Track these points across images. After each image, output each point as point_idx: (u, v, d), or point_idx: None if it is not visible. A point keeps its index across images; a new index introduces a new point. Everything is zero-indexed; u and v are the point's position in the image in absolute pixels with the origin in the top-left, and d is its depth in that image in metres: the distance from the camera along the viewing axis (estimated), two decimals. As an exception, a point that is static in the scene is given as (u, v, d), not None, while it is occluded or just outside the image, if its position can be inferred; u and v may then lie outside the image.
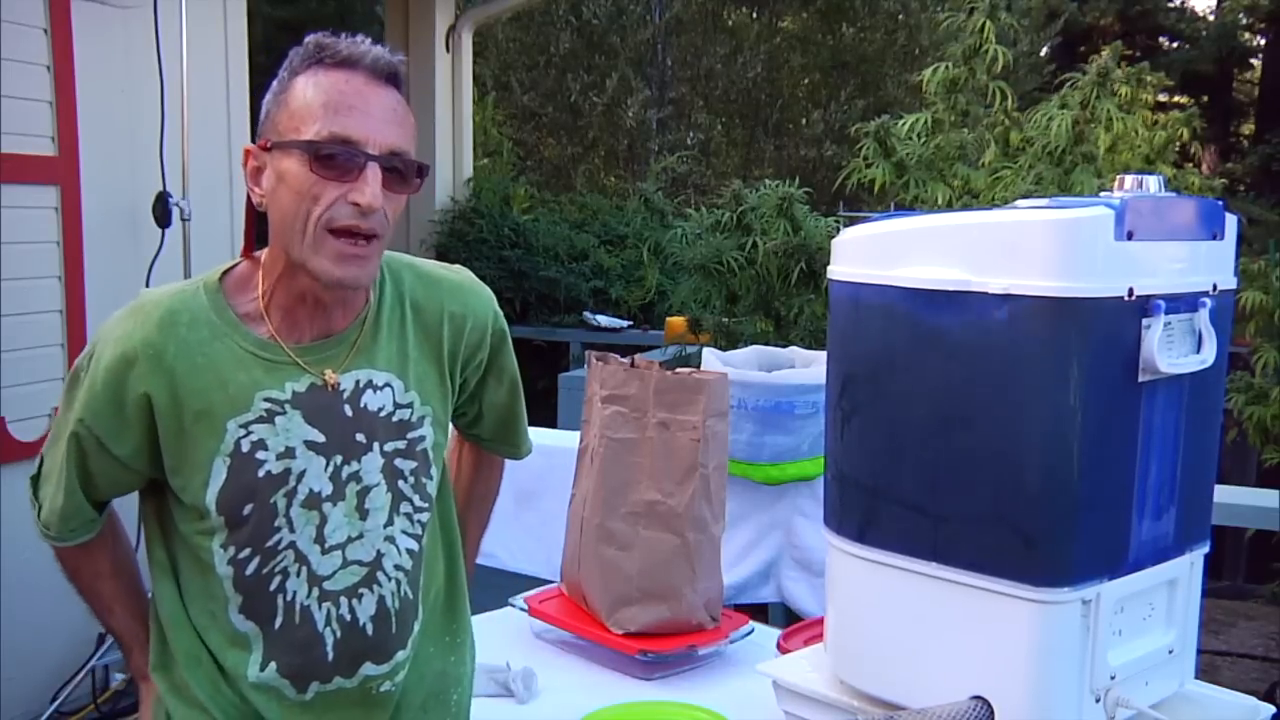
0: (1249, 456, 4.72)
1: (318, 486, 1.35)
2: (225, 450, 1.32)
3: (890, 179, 4.35)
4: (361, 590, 1.39)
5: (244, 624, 1.37)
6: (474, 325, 1.49)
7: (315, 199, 1.26)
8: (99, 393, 1.33)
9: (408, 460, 1.42)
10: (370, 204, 1.25)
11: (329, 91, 1.27)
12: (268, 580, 1.36)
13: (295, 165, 1.26)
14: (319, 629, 1.38)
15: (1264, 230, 7.84)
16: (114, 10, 3.64)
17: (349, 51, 1.28)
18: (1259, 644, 3.78)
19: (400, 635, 1.44)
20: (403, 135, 1.30)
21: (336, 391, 1.36)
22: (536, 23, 10.97)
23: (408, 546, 1.43)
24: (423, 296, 1.46)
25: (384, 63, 1.30)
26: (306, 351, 1.36)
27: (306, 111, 1.26)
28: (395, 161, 1.29)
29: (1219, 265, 1.43)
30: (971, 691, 1.35)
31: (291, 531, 1.35)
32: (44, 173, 3.43)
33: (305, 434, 1.35)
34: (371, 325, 1.40)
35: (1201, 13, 14.28)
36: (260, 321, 1.36)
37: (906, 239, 1.42)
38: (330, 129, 1.25)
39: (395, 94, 1.31)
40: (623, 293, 6.54)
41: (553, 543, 2.27)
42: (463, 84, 6.70)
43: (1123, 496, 1.34)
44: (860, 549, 1.46)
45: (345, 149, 1.26)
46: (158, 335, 1.32)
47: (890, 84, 10.63)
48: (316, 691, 1.39)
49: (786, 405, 2.53)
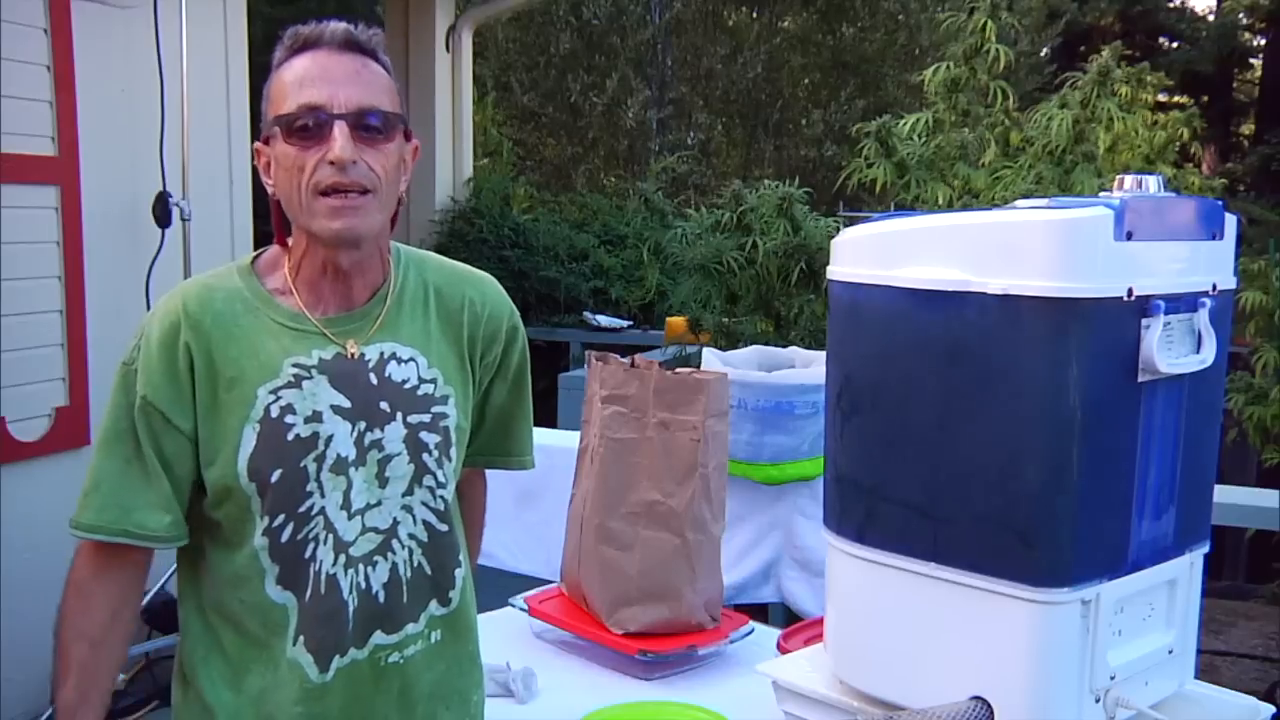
0: (1249, 456, 4.72)
1: (345, 451, 1.39)
2: (255, 417, 1.37)
3: (890, 179, 4.36)
4: (376, 557, 1.42)
5: (281, 595, 1.39)
6: (491, 315, 1.53)
7: (300, 169, 1.34)
8: (155, 366, 1.38)
9: (432, 434, 1.45)
10: (339, 157, 1.32)
11: (296, 71, 1.36)
12: (301, 547, 1.38)
13: (281, 145, 1.36)
14: (344, 597, 1.40)
15: (1264, 230, 7.83)
16: (114, 10, 3.64)
17: (309, 33, 1.37)
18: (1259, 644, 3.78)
19: (411, 608, 1.45)
20: (369, 92, 1.36)
21: (360, 361, 1.42)
22: (536, 23, 10.97)
23: (425, 519, 1.45)
24: (445, 283, 1.52)
25: (342, 33, 1.37)
26: (332, 323, 1.42)
27: (281, 96, 1.36)
28: (365, 117, 1.35)
29: (1219, 265, 1.43)
30: (971, 691, 1.35)
31: (322, 497, 1.38)
32: (44, 173, 3.43)
33: (331, 398, 1.39)
34: (395, 303, 1.46)
35: (1201, 13, 14.28)
36: (289, 295, 1.43)
37: (906, 239, 1.42)
38: (298, 101, 1.34)
39: (360, 58, 1.37)
40: (623, 293, 6.54)
41: (553, 543, 2.27)
42: (463, 84, 6.70)
43: (1122, 496, 1.34)
44: (860, 549, 1.46)
45: (312, 113, 1.33)
46: (196, 307, 1.40)
47: (890, 84, 10.63)
48: (336, 669, 1.40)
49: (786, 405, 2.53)
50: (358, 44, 1.37)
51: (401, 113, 1.40)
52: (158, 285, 3.57)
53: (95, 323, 3.55)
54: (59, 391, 3.49)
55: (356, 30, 1.38)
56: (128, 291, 3.56)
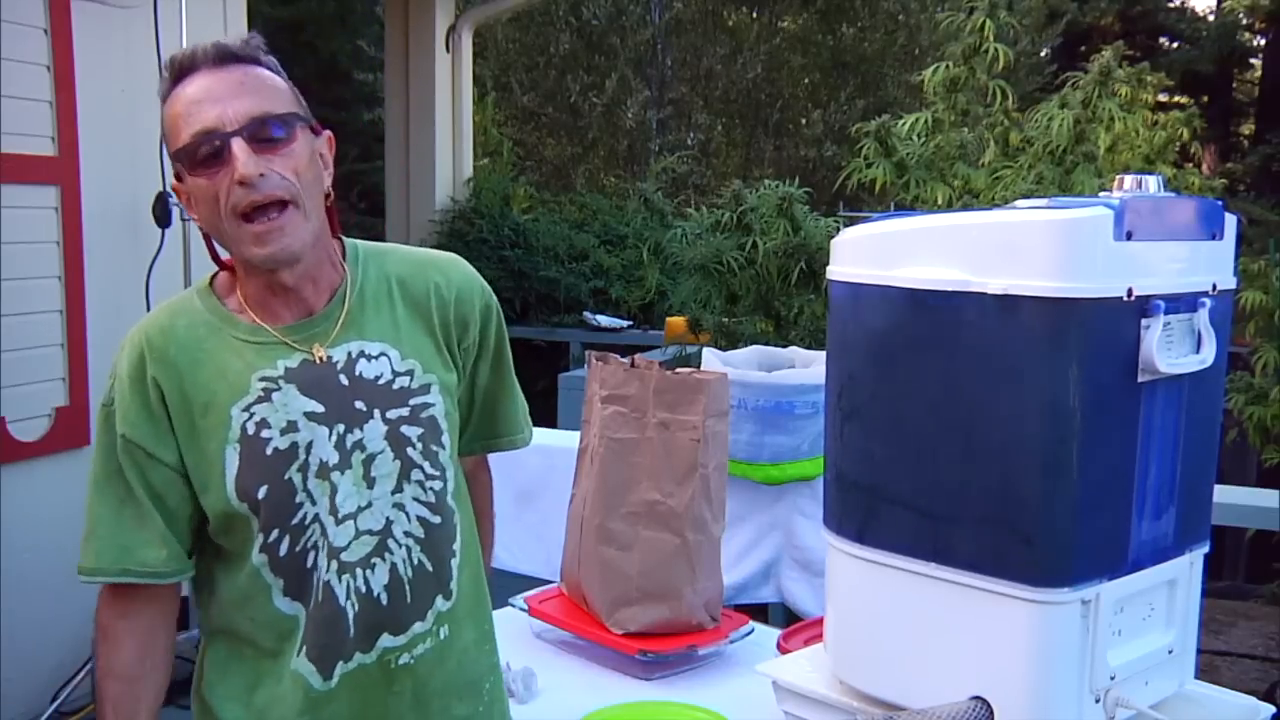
0: (1249, 456, 4.72)
1: (326, 456, 1.38)
2: (234, 438, 1.36)
3: (890, 179, 4.35)
4: (374, 560, 1.41)
5: (291, 606, 1.39)
6: (460, 298, 1.50)
7: (214, 198, 1.32)
8: (130, 404, 1.37)
9: (414, 427, 1.43)
10: (244, 175, 1.28)
11: (183, 100, 1.33)
12: (302, 558, 1.38)
13: (190, 179, 1.34)
14: (341, 604, 1.39)
15: (1264, 230, 7.83)
16: (114, 10, 3.64)
17: (183, 58, 1.35)
18: (1259, 644, 3.77)
19: (416, 606, 1.44)
20: (257, 100, 1.32)
21: (328, 364, 1.40)
22: (536, 23, 10.98)
23: (419, 514, 1.44)
24: (408, 272, 1.49)
25: (214, 50, 1.34)
26: (293, 331, 1.40)
27: (173, 128, 1.34)
28: (262, 126, 1.31)
29: (1219, 265, 1.43)
30: (971, 691, 1.35)
31: (313, 504, 1.37)
32: (44, 173, 3.43)
33: (304, 406, 1.37)
34: (357, 301, 1.44)
35: (1201, 13, 14.28)
36: (246, 313, 1.41)
37: (906, 239, 1.42)
38: (190, 131, 1.31)
39: (241, 68, 1.34)
40: (623, 293, 6.54)
41: (553, 543, 2.27)
42: (463, 84, 6.70)
43: (1122, 496, 1.34)
44: (860, 549, 1.46)
45: (207, 138, 1.30)
46: (160, 339, 1.39)
47: (890, 84, 10.63)
48: (340, 675, 1.40)
49: (786, 405, 2.53)
50: (233, 55, 1.35)
51: (298, 110, 1.37)
52: (158, 285, 3.57)
53: (95, 323, 3.55)
54: (59, 391, 3.49)
55: (229, 41, 1.36)
56: (128, 291, 3.56)
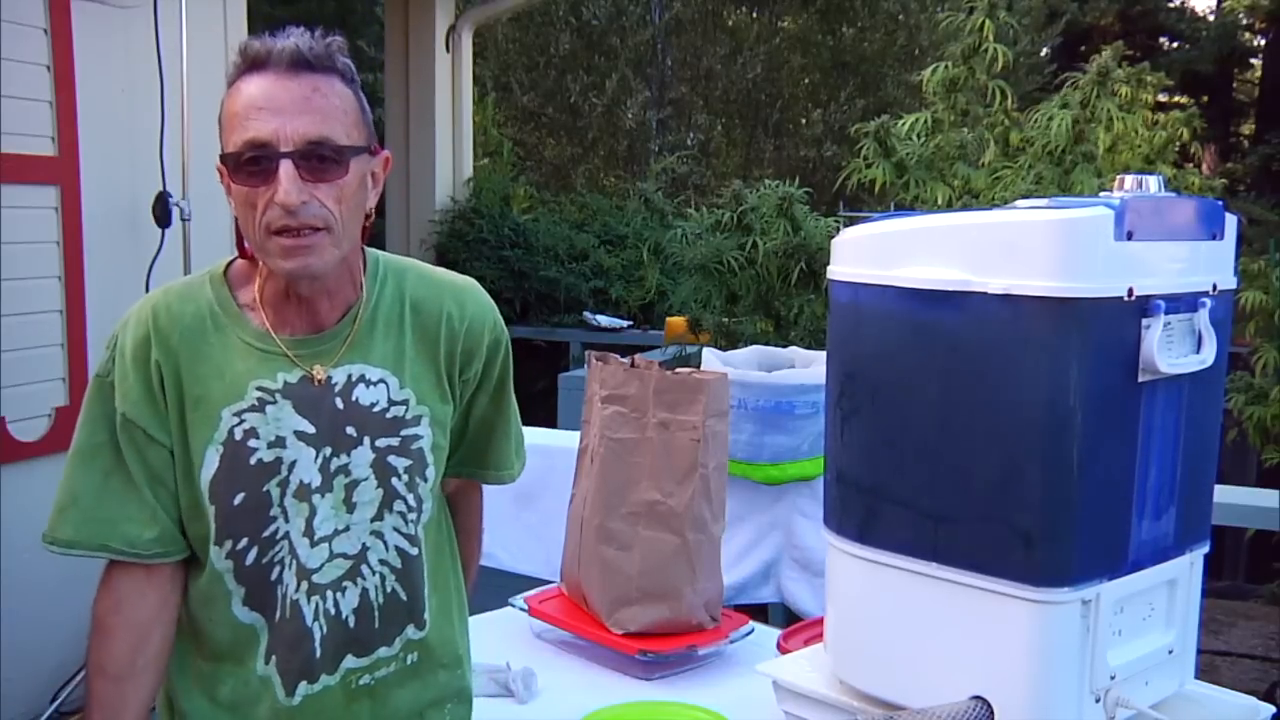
0: (1249, 456, 4.72)
1: (308, 478, 1.36)
2: (219, 439, 1.34)
3: (890, 179, 4.35)
4: (345, 583, 1.40)
5: (248, 615, 1.38)
6: (470, 330, 1.46)
7: (252, 206, 1.28)
8: (132, 382, 1.35)
9: (401, 458, 1.41)
10: (285, 202, 1.24)
11: (244, 99, 1.27)
12: (268, 570, 1.36)
13: (232, 180, 1.29)
14: (308, 624, 1.38)
15: (1264, 230, 7.83)
16: (114, 10, 3.63)
17: (258, 50, 1.27)
18: (1259, 644, 3.77)
19: (385, 632, 1.43)
20: (319, 121, 1.26)
21: (326, 385, 1.37)
22: (536, 23, 10.98)
23: (398, 544, 1.43)
24: (424, 296, 1.45)
25: (290, 52, 1.26)
26: (299, 345, 1.38)
27: (229, 124, 1.29)
28: (316, 150, 1.26)
29: (1219, 265, 1.43)
30: (971, 691, 1.35)
31: (286, 522, 1.36)
32: (44, 173, 3.43)
33: (295, 424, 1.36)
34: (367, 322, 1.41)
35: (1201, 13, 14.28)
36: (258, 311, 1.39)
37: (906, 239, 1.42)
38: (244, 137, 1.26)
39: (312, 79, 1.27)
40: (623, 293, 6.54)
41: (553, 543, 2.27)
42: (463, 84, 6.70)
43: (1122, 496, 1.34)
44: (860, 549, 1.46)
45: (258, 152, 1.25)
46: (166, 322, 1.36)
47: (890, 84, 10.63)
48: (304, 695, 1.40)
49: (786, 405, 2.53)
50: (307, 63, 1.27)
51: (359, 136, 1.31)
52: (157, 285, 3.53)
53: (95, 323, 3.55)
54: (59, 391, 3.49)
55: (310, 44, 1.28)
56: (128, 292, 3.52)
